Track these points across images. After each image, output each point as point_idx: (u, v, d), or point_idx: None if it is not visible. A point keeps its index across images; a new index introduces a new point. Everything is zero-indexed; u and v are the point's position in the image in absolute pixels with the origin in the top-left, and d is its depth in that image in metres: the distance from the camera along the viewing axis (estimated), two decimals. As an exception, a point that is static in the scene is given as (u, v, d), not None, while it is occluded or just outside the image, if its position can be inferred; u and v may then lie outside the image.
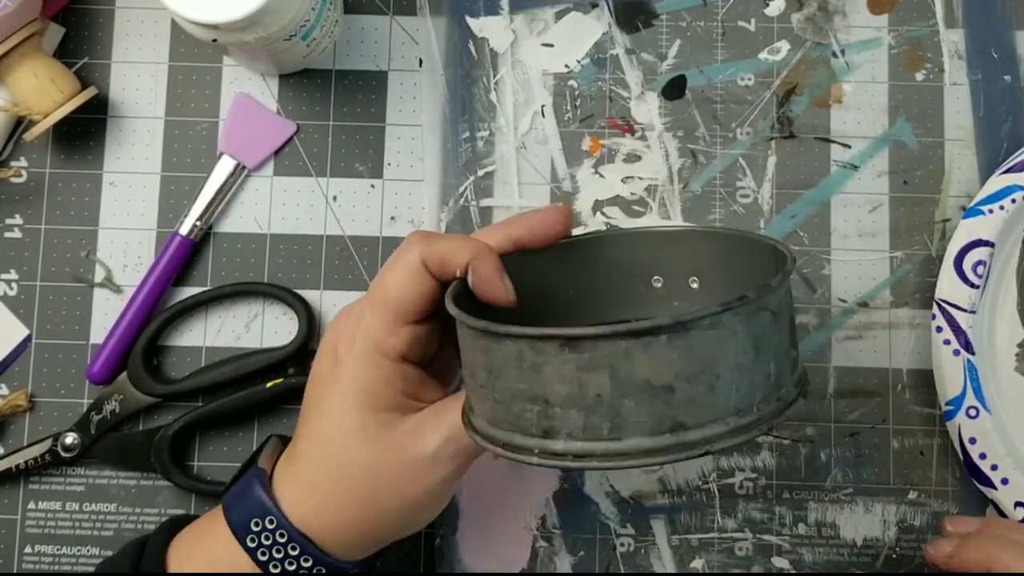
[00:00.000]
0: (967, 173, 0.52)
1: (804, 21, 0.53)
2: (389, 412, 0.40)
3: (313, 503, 0.40)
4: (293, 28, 0.47)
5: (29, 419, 0.51)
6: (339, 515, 0.40)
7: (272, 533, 0.39)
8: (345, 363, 0.40)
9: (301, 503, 0.40)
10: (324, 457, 0.40)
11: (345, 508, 0.40)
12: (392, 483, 0.39)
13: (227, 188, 0.52)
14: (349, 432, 0.39)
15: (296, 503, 0.40)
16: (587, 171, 0.53)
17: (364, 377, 0.39)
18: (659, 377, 0.34)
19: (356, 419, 0.39)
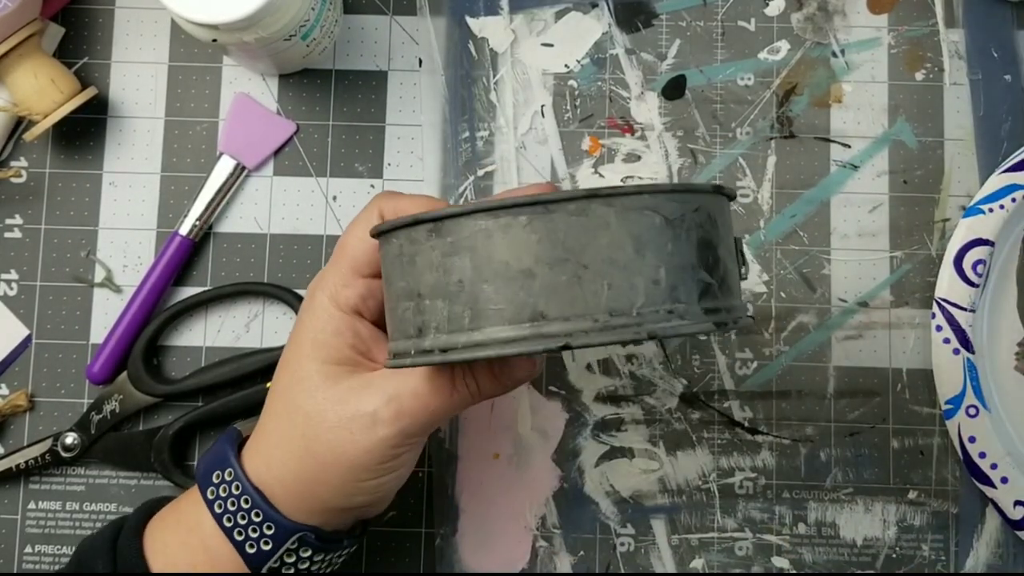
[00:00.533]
0: (967, 173, 0.52)
1: (804, 21, 0.53)
2: (339, 365, 0.40)
3: (265, 454, 0.41)
4: (293, 28, 0.47)
5: (29, 419, 0.51)
6: (284, 466, 0.40)
7: (228, 485, 0.40)
8: (302, 316, 0.41)
9: (256, 455, 0.41)
10: (274, 405, 0.41)
11: (289, 459, 0.40)
12: (331, 436, 0.39)
13: (227, 188, 0.52)
14: (297, 381, 0.40)
15: (252, 455, 0.41)
16: (587, 171, 0.53)
17: (315, 328, 0.40)
18: (519, 261, 0.33)
19: (305, 368, 0.40)
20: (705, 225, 0.34)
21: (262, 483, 0.40)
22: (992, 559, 0.50)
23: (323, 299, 0.41)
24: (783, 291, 0.52)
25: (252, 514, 0.40)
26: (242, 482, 0.40)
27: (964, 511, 0.50)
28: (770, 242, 0.52)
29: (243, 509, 0.40)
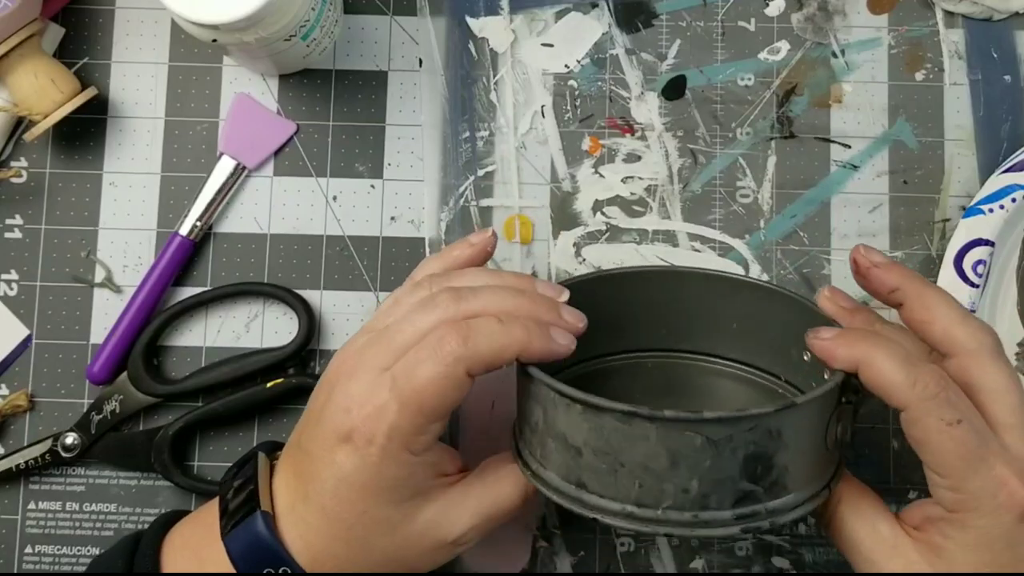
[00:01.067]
0: (967, 173, 0.52)
1: (804, 21, 0.53)
2: (412, 500, 0.39)
3: (329, 565, 0.40)
4: (293, 28, 0.47)
5: (29, 419, 0.51)
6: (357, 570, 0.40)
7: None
8: (366, 460, 0.38)
9: (313, 563, 0.39)
10: (345, 539, 0.39)
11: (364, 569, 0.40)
12: (412, 564, 0.40)
13: (227, 188, 0.52)
14: (372, 524, 0.39)
15: (308, 562, 0.39)
16: (587, 171, 0.53)
17: (386, 475, 0.38)
18: (572, 437, 0.37)
19: (379, 513, 0.39)
20: (760, 441, 0.36)
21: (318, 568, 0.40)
22: (992, 559, 0.50)
23: (392, 448, 0.37)
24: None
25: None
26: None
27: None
28: (770, 242, 0.52)
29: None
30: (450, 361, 0.37)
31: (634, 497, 0.36)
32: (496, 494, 0.40)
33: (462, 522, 0.40)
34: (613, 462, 0.36)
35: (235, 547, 0.39)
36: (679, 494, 0.36)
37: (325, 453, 0.39)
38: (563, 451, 0.38)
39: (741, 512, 0.36)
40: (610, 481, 0.37)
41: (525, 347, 0.38)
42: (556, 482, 0.38)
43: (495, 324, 0.38)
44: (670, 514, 0.36)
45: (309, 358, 0.51)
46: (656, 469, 0.36)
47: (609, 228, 0.52)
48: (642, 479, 0.36)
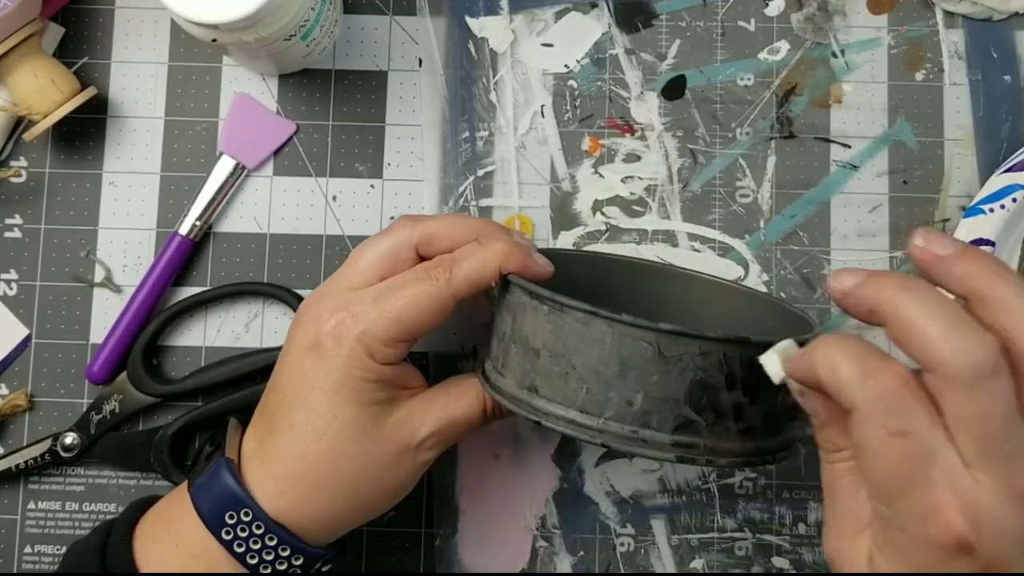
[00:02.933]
0: (967, 173, 0.52)
1: (804, 21, 0.53)
2: (379, 405, 0.41)
3: (295, 495, 0.40)
4: (293, 28, 0.47)
5: (29, 419, 0.51)
6: (323, 507, 0.40)
7: (248, 525, 0.40)
8: (335, 360, 0.40)
9: (279, 495, 0.40)
10: (311, 452, 0.40)
11: (331, 500, 0.40)
12: (379, 473, 0.41)
13: (227, 188, 0.52)
14: (341, 429, 0.40)
15: (273, 495, 0.40)
16: (587, 171, 0.53)
17: (356, 376, 0.40)
18: (533, 339, 0.38)
19: (348, 414, 0.40)
20: (710, 369, 0.36)
21: (290, 520, 0.40)
22: (992, 559, 0.50)
23: (358, 351, 0.40)
24: (783, 291, 0.52)
25: (279, 549, 0.40)
26: (264, 522, 0.40)
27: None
28: (770, 242, 0.52)
29: (268, 546, 0.40)
30: (440, 283, 0.40)
31: (579, 403, 0.37)
32: (457, 403, 0.42)
33: (426, 425, 0.41)
34: (566, 365, 0.37)
35: (199, 497, 0.41)
36: (622, 405, 0.37)
37: (293, 369, 0.41)
38: (522, 355, 0.39)
39: (679, 440, 0.37)
40: (560, 384, 0.38)
41: (506, 259, 0.40)
42: (510, 388, 0.39)
43: (475, 245, 0.41)
44: (610, 424, 0.37)
45: (309, 358, 0.51)
46: (605, 375, 0.37)
47: (609, 228, 0.52)
48: (590, 384, 0.37)
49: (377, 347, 0.40)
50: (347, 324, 0.40)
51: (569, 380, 0.37)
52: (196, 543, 0.40)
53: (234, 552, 0.40)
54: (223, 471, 0.41)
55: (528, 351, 0.39)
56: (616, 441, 0.37)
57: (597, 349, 0.37)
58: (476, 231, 0.42)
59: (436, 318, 0.40)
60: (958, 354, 0.31)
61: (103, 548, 0.41)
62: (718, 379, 0.37)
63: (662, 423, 0.37)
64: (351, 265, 0.42)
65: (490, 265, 0.40)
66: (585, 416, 0.37)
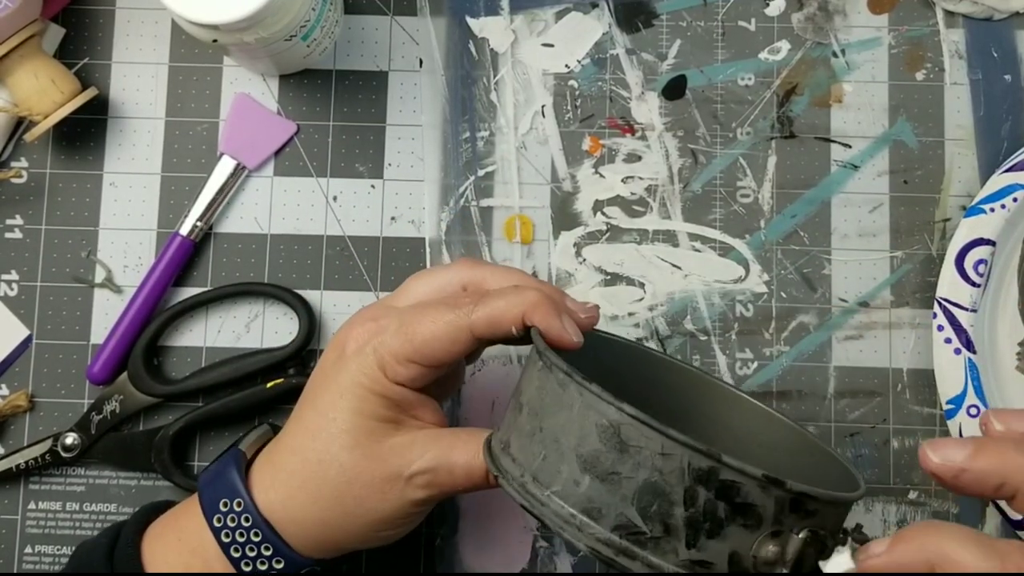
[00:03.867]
0: (967, 172, 0.52)
1: (804, 21, 0.53)
2: (381, 423, 0.40)
3: (283, 491, 0.40)
4: (293, 28, 0.47)
5: (29, 419, 0.51)
6: (305, 509, 0.40)
7: (238, 516, 0.40)
8: (349, 364, 0.40)
9: (271, 489, 0.40)
10: (305, 449, 0.40)
11: (313, 504, 0.40)
12: (363, 492, 0.39)
13: (227, 188, 0.52)
14: (337, 432, 0.39)
15: (267, 488, 0.40)
16: (587, 171, 0.53)
17: (361, 384, 0.39)
18: (523, 394, 0.37)
19: (346, 421, 0.39)
20: (667, 475, 0.32)
21: (274, 517, 0.40)
22: (993, 559, 0.50)
23: (371, 361, 0.39)
24: (783, 291, 0.52)
25: (262, 547, 0.40)
26: (252, 515, 0.39)
27: (964, 511, 0.50)
28: (771, 242, 0.52)
29: (252, 541, 0.40)
30: (462, 314, 0.38)
31: (534, 468, 0.35)
32: (463, 448, 0.39)
33: (423, 460, 0.39)
34: (536, 425, 0.35)
35: (204, 482, 0.41)
36: (570, 483, 0.34)
37: (320, 367, 0.42)
38: (512, 410, 0.37)
39: (615, 542, 0.33)
40: (526, 444, 0.35)
41: (531, 310, 0.38)
42: (493, 444, 0.38)
43: (508, 288, 0.39)
44: (553, 500, 0.34)
45: (309, 358, 0.51)
46: (563, 445, 0.34)
47: (609, 228, 0.52)
48: (548, 452, 0.34)
49: (390, 362, 0.39)
50: (370, 333, 0.40)
51: (533, 442, 0.35)
52: (195, 537, 0.40)
53: (221, 541, 0.40)
54: (230, 461, 0.41)
55: (516, 406, 0.37)
56: (553, 519, 0.34)
57: (565, 416, 0.34)
58: (523, 282, 0.41)
59: (451, 347, 0.39)
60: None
61: (111, 549, 0.41)
62: (675, 490, 0.32)
63: (603, 516, 0.33)
64: (404, 288, 0.43)
65: (513, 309, 0.38)
66: (535, 484, 0.35)
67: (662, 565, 0.32)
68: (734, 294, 0.52)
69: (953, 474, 0.31)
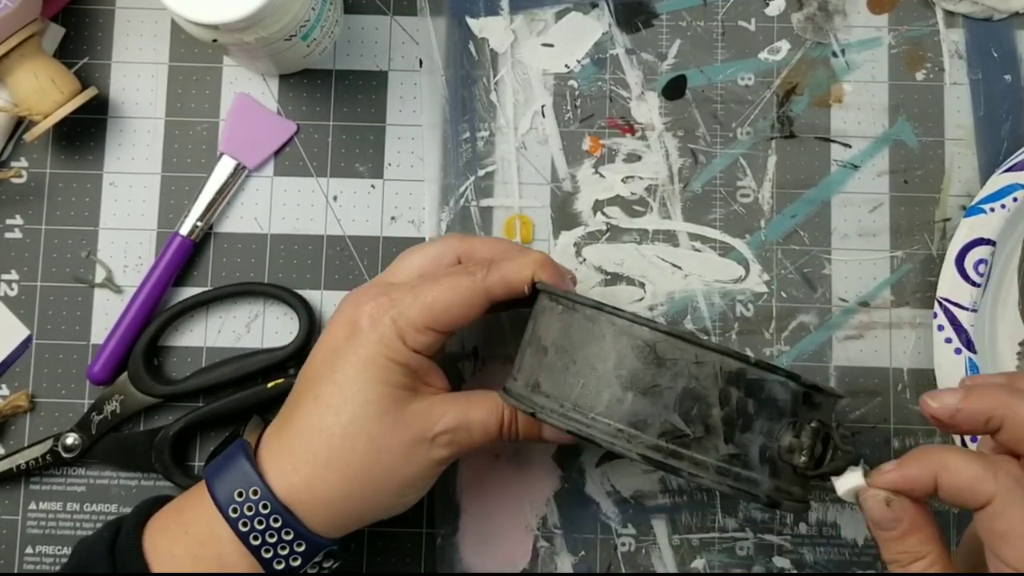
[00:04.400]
0: (967, 172, 0.52)
1: (804, 21, 0.53)
2: (403, 390, 0.41)
3: (306, 472, 0.40)
4: (293, 28, 0.47)
5: (30, 419, 0.51)
6: (332, 487, 0.40)
7: (255, 504, 0.40)
8: (367, 336, 0.41)
9: (292, 472, 0.40)
10: (330, 426, 0.40)
11: (341, 479, 0.40)
12: (390, 459, 0.41)
13: (227, 188, 0.52)
14: (364, 404, 0.40)
15: (286, 473, 0.40)
16: (587, 171, 0.53)
17: (385, 354, 0.41)
18: (544, 339, 0.40)
19: (372, 392, 0.40)
20: (704, 380, 0.37)
21: (297, 499, 0.40)
22: (993, 559, 0.50)
23: (391, 332, 0.41)
24: (784, 291, 0.52)
25: (282, 532, 0.40)
26: (271, 502, 0.40)
27: (964, 511, 0.50)
28: (771, 242, 0.52)
29: (272, 528, 0.40)
30: (478, 278, 0.41)
31: (574, 397, 0.38)
32: (477, 408, 0.42)
33: (443, 421, 0.41)
34: (568, 360, 0.38)
35: (212, 477, 0.41)
36: (613, 403, 0.37)
37: (328, 348, 0.42)
38: (533, 356, 0.40)
39: (663, 446, 0.37)
40: (559, 379, 0.39)
41: (540, 268, 0.42)
42: (518, 388, 0.41)
43: (515, 249, 0.43)
44: (598, 420, 0.37)
45: (309, 358, 0.51)
46: (601, 371, 0.37)
47: (609, 228, 0.52)
48: (586, 379, 0.38)
49: (409, 331, 0.41)
50: (384, 306, 0.41)
51: (568, 375, 0.38)
52: (205, 529, 0.40)
53: (239, 531, 0.40)
54: (238, 451, 0.41)
55: (539, 351, 0.40)
56: (601, 436, 0.37)
57: (597, 345, 0.38)
58: (512, 248, 0.44)
59: (468, 311, 0.41)
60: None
61: (112, 545, 0.41)
62: (711, 392, 0.37)
63: (649, 426, 0.37)
64: (396, 264, 0.44)
65: (526, 269, 0.42)
66: (577, 411, 0.38)
67: (706, 461, 0.36)
68: (734, 294, 0.52)
69: (950, 414, 0.36)
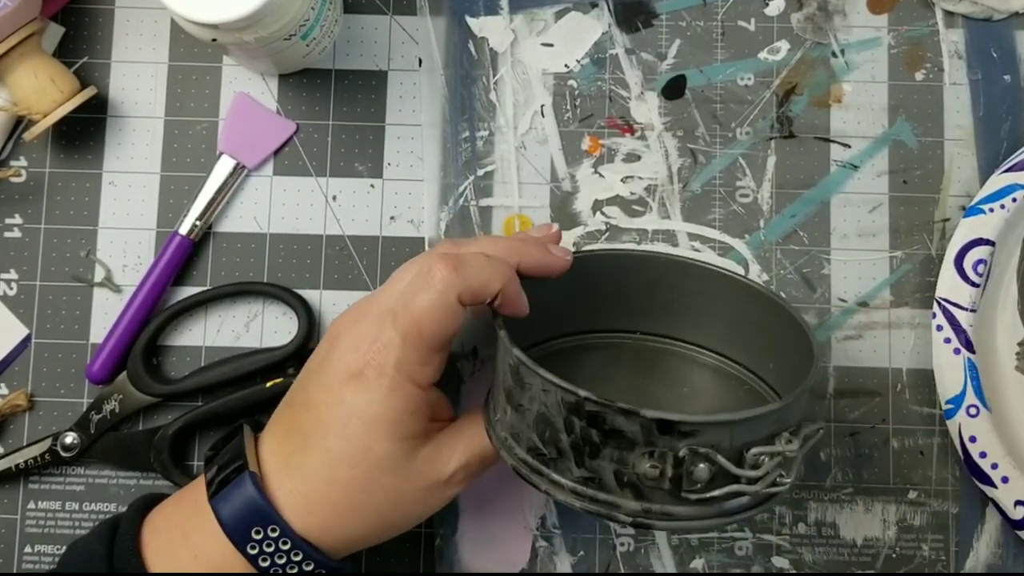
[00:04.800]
0: (967, 173, 0.52)
1: (804, 21, 0.53)
2: (413, 439, 0.41)
3: (322, 517, 0.40)
4: (293, 28, 0.47)
5: (29, 419, 0.51)
6: (350, 529, 0.41)
7: (275, 541, 0.40)
8: (377, 392, 0.40)
9: (308, 515, 0.40)
10: (345, 479, 0.40)
11: (360, 526, 0.41)
12: (410, 506, 0.41)
13: (227, 188, 0.52)
14: (376, 460, 0.40)
15: (302, 514, 0.40)
16: (587, 171, 0.53)
17: (395, 407, 0.40)
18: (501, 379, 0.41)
19: (384, 448, 0.40)
20: (551, 407, 0.37)
21: (311, 537, 0.40)
22: (992, 559, 0.50)
23: (400, 379, 0.40)
24: (783, 291, 0.52)
25: (303, 565, 0.40)
26: (292, 539, 0.40)
27: (964, 511, 0.50)
28: (770, 242, 0.52)
29: (293, 561, 0.40)
30: (441, 288, 0.39)
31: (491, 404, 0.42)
32: (482, 435, 0.42)
33: (454, 459, 0.41)
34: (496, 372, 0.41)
35: (224, 510, 0.40)
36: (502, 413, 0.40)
37: (332, 394, 0.40)
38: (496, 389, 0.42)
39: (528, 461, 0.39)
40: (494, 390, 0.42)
41: (506, 284, 0.41)
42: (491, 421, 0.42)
43: (483, 258, 0.41)
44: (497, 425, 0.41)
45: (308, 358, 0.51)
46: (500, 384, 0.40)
47: (609, 228, 0.52)
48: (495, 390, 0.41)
49: (416, 370, 0.40)
50: (384, 355, 0.40)
51: (494, 386, 0.42)
52: (216, 556, 0.40)
53: (258, 566, 0.40)
54: (248, 485, 0.40)
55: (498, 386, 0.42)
56: (495, 440, 0.40)
57: (501, 362, 0.40)
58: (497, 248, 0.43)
59: (454, 321, 0.40)
60: None
61: (109, 554, 0.41)
62: (557, 419, 0.37)
63: (521, 440, 0.39)
64: (390, 285, 0.43)
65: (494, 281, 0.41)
66: (491, 413, 0.41)
67: (562, 481, 0.38)
68: (733, 294, 0.52)
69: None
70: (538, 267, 0.43)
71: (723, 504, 0.38)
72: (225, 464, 0.42)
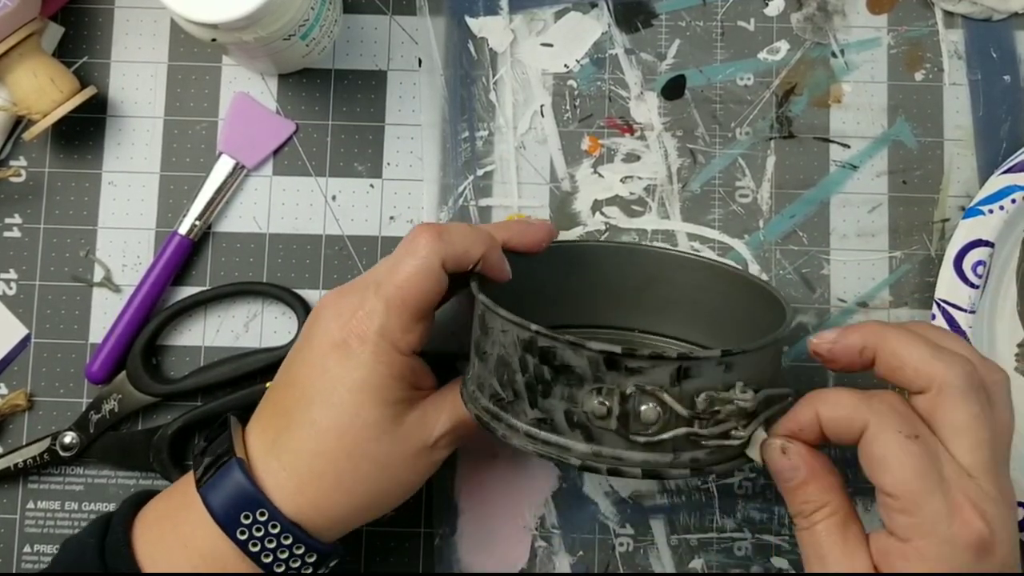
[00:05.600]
0: (966, 173, 0.52)
1: (803, 21, 0.53)
2: (399, 404, 0.41)
3: (312, 494, 0.40)
4: (292, 28, 0.47)
5: (28, 418, 0.51)
6: (340, 504, 0.41)
7: (264, 525, 0.40)
8: (360, 358, 0.40)
9: (297, 493, 0.40)
10: (333, 450, 0.40)
11: (349, 499, 0.41)
12: (397, 472, 0.41)
13: (226, 188, 0.52)
14: (364, 427, 0.40)
15: (292, 493, 0.40)
16: (586, 171, 0.53)
17: (381, 373, 0.40)
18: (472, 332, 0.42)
19: (372, 414, 0.40)
20: (508, 348, 0.38)
21: (303, 518, 0.40)
22: (991, 559, 0.50)
23: (384, 345, 0.40)
24: (782, 291, 0.52)
25: (294, 548, 0.40)
26: (280, 521, 0.40)
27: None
28: (769, 242, 0.52)
29: (283, 544, 0.40)
30: (424, 254, 0.41)
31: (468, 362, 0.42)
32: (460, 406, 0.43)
33: (440, 424, 0.42)
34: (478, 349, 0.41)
35: (213, 497, 0.40)
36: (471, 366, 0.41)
37: (314, 367, 0.41)
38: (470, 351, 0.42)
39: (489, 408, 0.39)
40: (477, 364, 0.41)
41: (489, 249, 0.42)
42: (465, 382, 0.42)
43: (465, 226, 0.43)
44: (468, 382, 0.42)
45: (308, 358, 0.51)
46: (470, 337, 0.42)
47: (608, 228, 0.52)
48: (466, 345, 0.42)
49: (399, 337, 0.41)
50: (367, 323, 0.41)
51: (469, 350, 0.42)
52: (206, 544, 0.40)
53: (249, 552, 0.40)
54: (235, 471, 0.40)
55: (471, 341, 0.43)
56: (463, 394, 0.41)
57: (474, 321, 0.41)
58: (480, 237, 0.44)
59: (437, 287, 0.41)
60: (949, 366, 0.35)
61: (101, 549, 0.41)
62: (514, 359, 0.38)
63: (484, 388, 0.40)
64: (375, 266, 0.44)
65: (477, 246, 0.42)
66: (465, 366, 0.42)
67: (517, 424, 0.39)
68: (733, 294, 0.52)
69: (827, 347, 0.38)
70: (519, 237, 0.44)
71: (678, 455, 0.37)
72: (213, 453, 0.42)
